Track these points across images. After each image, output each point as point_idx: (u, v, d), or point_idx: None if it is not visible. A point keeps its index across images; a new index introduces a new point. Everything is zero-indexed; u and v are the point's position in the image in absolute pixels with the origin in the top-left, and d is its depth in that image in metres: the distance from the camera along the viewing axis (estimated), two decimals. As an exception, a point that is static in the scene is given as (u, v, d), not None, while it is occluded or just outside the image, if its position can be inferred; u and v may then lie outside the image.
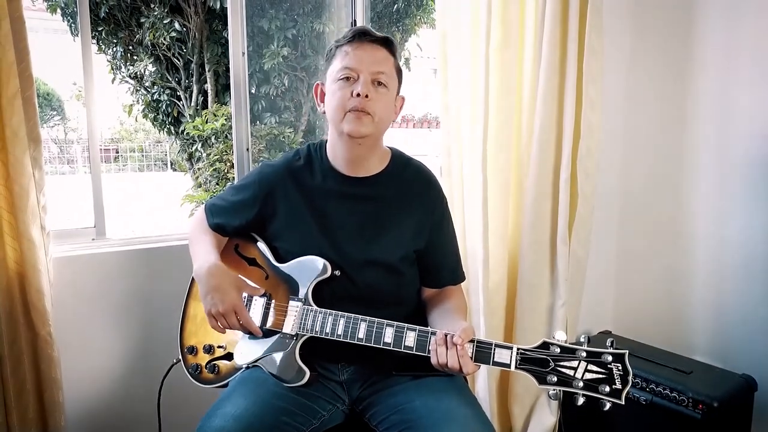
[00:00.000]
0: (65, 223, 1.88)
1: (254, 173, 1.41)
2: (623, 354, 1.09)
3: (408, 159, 1.42)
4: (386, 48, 1.30)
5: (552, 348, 1.11)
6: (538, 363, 1.11)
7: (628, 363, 1.09)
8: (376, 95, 1.26)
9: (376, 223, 1.32)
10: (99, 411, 1.82)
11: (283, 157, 1.42)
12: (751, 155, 1.97)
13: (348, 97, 1.25)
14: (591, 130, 1.95)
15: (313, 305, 1.27)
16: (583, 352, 1.10)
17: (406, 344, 1.19)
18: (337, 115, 1.27)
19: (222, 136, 5.66)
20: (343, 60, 1.27)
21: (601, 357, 1.09)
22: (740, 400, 1.84)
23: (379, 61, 1.27)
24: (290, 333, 1.28)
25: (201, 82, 6.27)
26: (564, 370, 1.10)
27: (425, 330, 1.19)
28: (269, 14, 5.42)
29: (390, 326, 1.21)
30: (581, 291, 2.08)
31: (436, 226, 1.38)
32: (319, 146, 1.40)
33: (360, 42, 1.28)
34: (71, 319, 1.72)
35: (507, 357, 1.13)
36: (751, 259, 1.99)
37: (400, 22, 6.47)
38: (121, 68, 6.56)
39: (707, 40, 2.07)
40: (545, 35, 1.89)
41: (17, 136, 1.46)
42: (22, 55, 1.46)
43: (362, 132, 1.26)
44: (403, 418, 1.21)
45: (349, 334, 1.23)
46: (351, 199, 1.34)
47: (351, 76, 1.26)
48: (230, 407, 1.17)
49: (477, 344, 1.15)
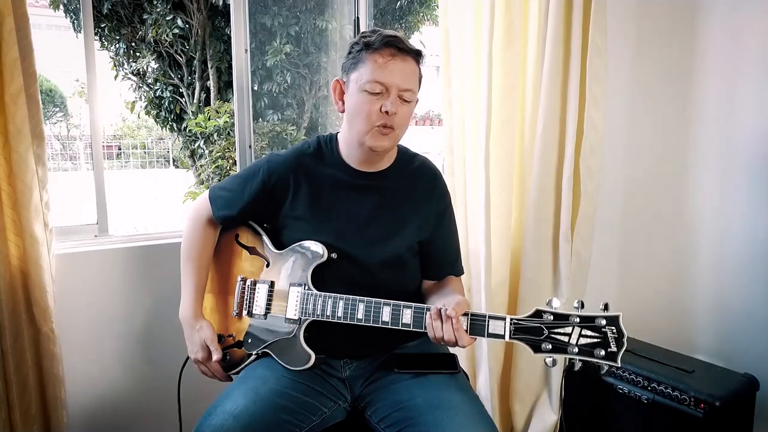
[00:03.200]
0: (68, 220, 1.88)
1: (262, 162, 1.40)
2: (617, 317, 1.09)
3: (414, 154, 1.45)
4: (416, 60, 1.29)
5: (545, 316, 1.12)
6: (532, 332, 1.12)
7: (623, 325, 1.09)
8: (401, 110, 1.27)
9: (382, 214, 1.34)
10: (101, 408, 1.82)
11: (292, 148, 1.41)
12: (754, 154, 1.97)
13: (376, 112, 1.25)
14: (594, 128, 1.95)
15: (312, 289, 1.29)
16: (576, 317, 1.11)
17: (404, 321, 1.21)
18: (362, 127, 1.28)
19: (224, 133, 5.66)
20: (375, 72, 1.24)
21: (594, 321, 1.10)
22: (742, 399, 1.84)
23: (409, 77, 1.27)
24: (293, 318, 1.30)
25: (203, 79, 6.27)
26: (558, 337, 1.11)
27: (421, 306, 1.21)
28: (272, 11, 5.41)
29: (387, 305, 1.22)
30: (583, 289, 2.08)
31: (440, 219, 1.41)
32: (329, 139, 1.41)
33: (393, 55, 1.25)
34: (74, 316, 1.73)
35: (501, 328, 1.14)
36: (754, 257, 1.98)
37: (403, 19, 6.45)
38: (124, 65, 6.55)
39: (711, 38, 2.06)
40: (549, 33, 1.88)
41: (21, 133, 1.47)
42: (25, 52, 1.46)
43: (385, 147, 1.30)
44: (405, 415, 1.21)
45: (348, 315, 1.25)
46: (359, 190, 1.36)
47: (381, 90, 1.25)
48: (230, 405, 1.18)
49: (471, 317, 1.17)
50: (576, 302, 1.12)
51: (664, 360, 1.94)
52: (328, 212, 1.34)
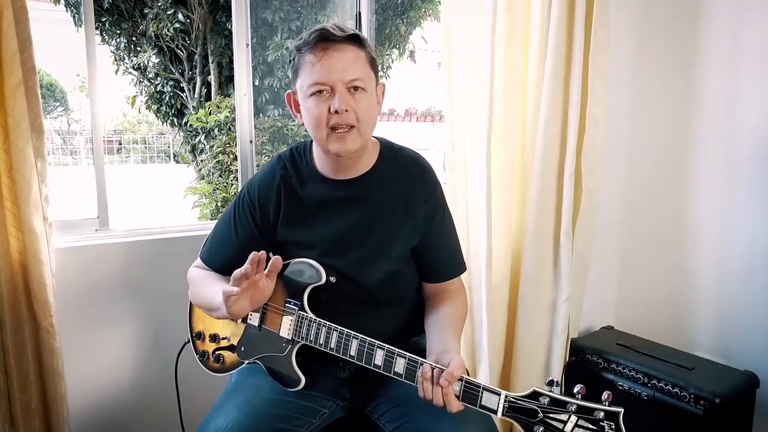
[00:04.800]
0: (68, 214, 1.87)
1: (242, 196, 1.34)
2: (617, 413, 1.01)
3: (398, 149, 1.34)
4: (354, 44, 1.18)
5: (542, 399, 1.05)
6: (526, 413, 1.05)
7: (623, 423, 1.01)
8: (355, 103, 1.17)
9: (369, 224, 1.28)
10: (102, 402, 1.83)
11: (267, 169, 1.34)
12: (756, 152, 1.96)
13: (326, 114, 1.17)
14: (596, 125, 1.94)
15: (308, 313, 1.24)
16: (574, 405, 1.03)
17: (396, 371, 1.15)
18: (318, 134, 1.20)
19: (225, 128, 5.65)
20: (311, 74, 1.16)
21: (593, 413, 1.02)
22: (742, 396, 1.84)
23: (350, 65, 1.16)
24: (287, 337, 1.25)
25: (204, 73, 6.25)
26: (553, 423, 1.04)
27: (415, 359, 1.14)
28: (273, 6, 5.40)
29: (381, 348, 1.16)
30: (584, 286, 2.08)
31: (430, 220, 1.31)
32: (303, 150, 1.33)
33: (324, 48, 1.15)
34: (74, 310, 1.73)
35: (494, 403, 1.07)
36: (754, 255, 1.98)
37: (405, 15, 6.42)
38: (125, 59, 6.53)
39: (714, 36, 2.05)
40: (551, 29, 1.87)
41: (20, 127, 1.46)
42: (24, 45, 1.45)
43: (350, 149, 1.20)
44: (405, 411, 1.21)
45: (341, 349, 1.20)
46: (342, 203, 1.28)
47: (324, 89, 1.16)
48: (222, 420, 1.16)
49: (465, 384, 1.09)
50: (577, 387, 1.05)
51: (664, 357, 1.94)
52: (313, 230, 1.28)
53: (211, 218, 5.30)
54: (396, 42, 6.42)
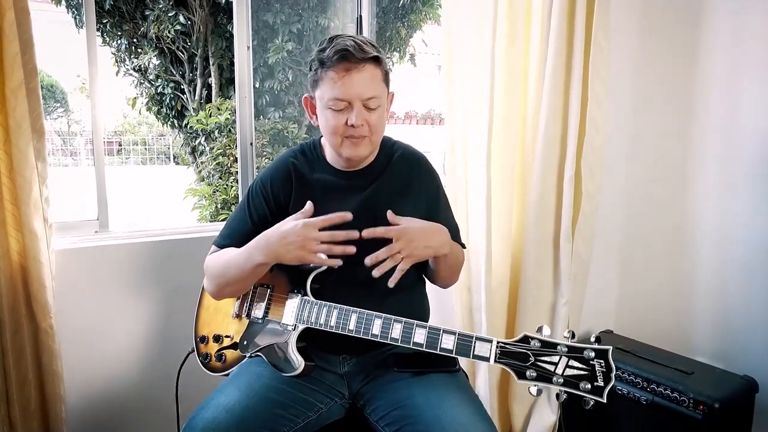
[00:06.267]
0: (68, 216, 1.87)
1: (255, 185, 1.41)
2: (606, 350, 1.05)
3: (393, 142, 1.45)
4: (372, 64, 1.27)
5: (533, 342, 1.09)
6: (518, 357, 1.09)
7: (612, 359, 1.04)
8: (369, 116, 1.27)
9: (374, 211, 1.33)
10: (100, 404, 1.82)
11: (279, 160, 1.43)
12: (757, 155, 1.96)
13: (342, 125, 1.26)
14: (596, 127, 1.94)
15: (310, 297, 1.29)
16: (564, 347, 1.06)
17: (393, 336, 1.20)
18: (333, 140, 1.30)
19: (226, 130, 5.65)
20: (333, 90, 1.25)
21: (582, 353, 1.05)
22: (741, 401, 1.84)
23: (368, 85, 1.25)
24: (289, 324, 1.30)
25: (205, 75, 6.26)
26: (544, 365, 1.07)
27: (410, 323, 1.20)
28: (274, 8, 5.41)
29: (378, 318, 1.22)
30: (584, 290, 2.07)
31: (432, 204, 1.41)
32: (313, 145, 1.43)
33: (348, 69, 1.24)
34: (73, 312, 1.72)
35: (486, 350, 1.12)
36: (754, 259, 1.98)
37: (406, 18, 6.43)
38: (126, 61, 6.54)
39: (715, 38, 2.06)
40: (552, 32, 1.87)
41: (21, 128, 1.46)
42: (26, 46, 1.46)
43: (362, 155, 1.32)
44: (405, 413, 1.21)
45: (341, 326, 1.24)
46: (350, 191, 1.37)
47: (344, 107, 1.26)
48: (223, 398, 1.19)
49: (458, 336, 1.15)
50: (567, 331, 1.09)
51: (663, 361, 1.94)
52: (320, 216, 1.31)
53: (211, 220, 5.30)
54: (396, 45, 6.44)
